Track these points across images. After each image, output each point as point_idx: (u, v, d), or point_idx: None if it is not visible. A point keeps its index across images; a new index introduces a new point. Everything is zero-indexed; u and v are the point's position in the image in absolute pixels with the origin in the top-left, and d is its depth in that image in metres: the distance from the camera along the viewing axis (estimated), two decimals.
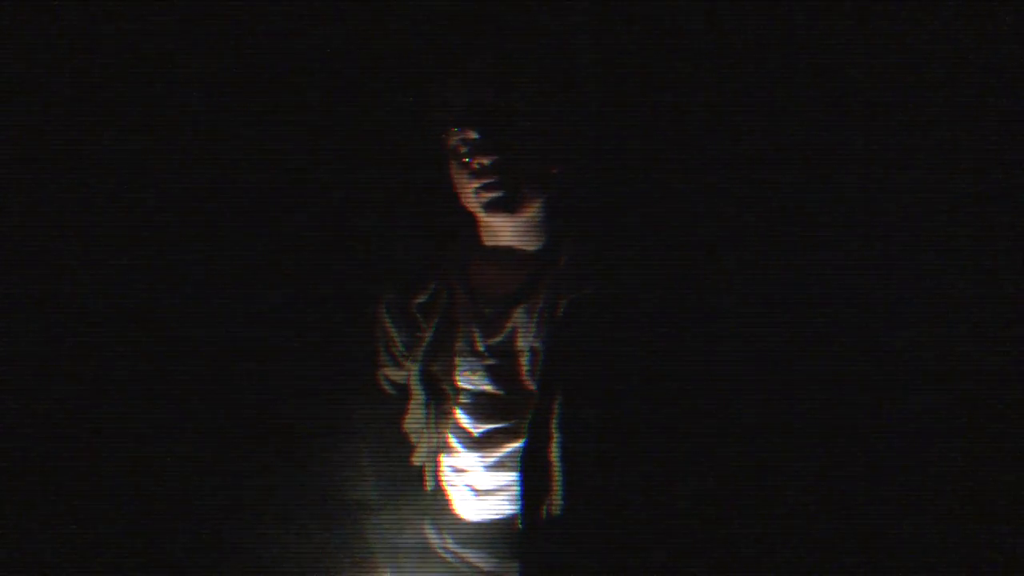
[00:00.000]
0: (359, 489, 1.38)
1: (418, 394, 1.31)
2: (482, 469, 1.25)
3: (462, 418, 1.27)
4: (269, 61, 1.53)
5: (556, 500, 1.16)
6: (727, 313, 1.25)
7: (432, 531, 1.33)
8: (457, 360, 1.27)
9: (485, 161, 1.19)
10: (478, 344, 1.25)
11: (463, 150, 1.21)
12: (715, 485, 1.20)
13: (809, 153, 1.40)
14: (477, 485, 1.26)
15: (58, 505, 1.52)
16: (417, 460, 1.34)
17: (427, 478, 1.33)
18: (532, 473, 1.18)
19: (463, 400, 1.26)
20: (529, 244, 1.27)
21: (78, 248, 1.53)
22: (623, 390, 1.17)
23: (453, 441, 1.28)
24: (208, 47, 1.52)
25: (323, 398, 1.47)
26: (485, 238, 1.31)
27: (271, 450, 1.55)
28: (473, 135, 1.19)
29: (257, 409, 1.55)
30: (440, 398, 1.29)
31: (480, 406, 1.25)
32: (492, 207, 1.21)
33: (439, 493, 1.33)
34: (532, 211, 1.24)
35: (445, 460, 1.30)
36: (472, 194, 1.22)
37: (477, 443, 1.25)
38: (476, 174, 1.20)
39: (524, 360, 1.22)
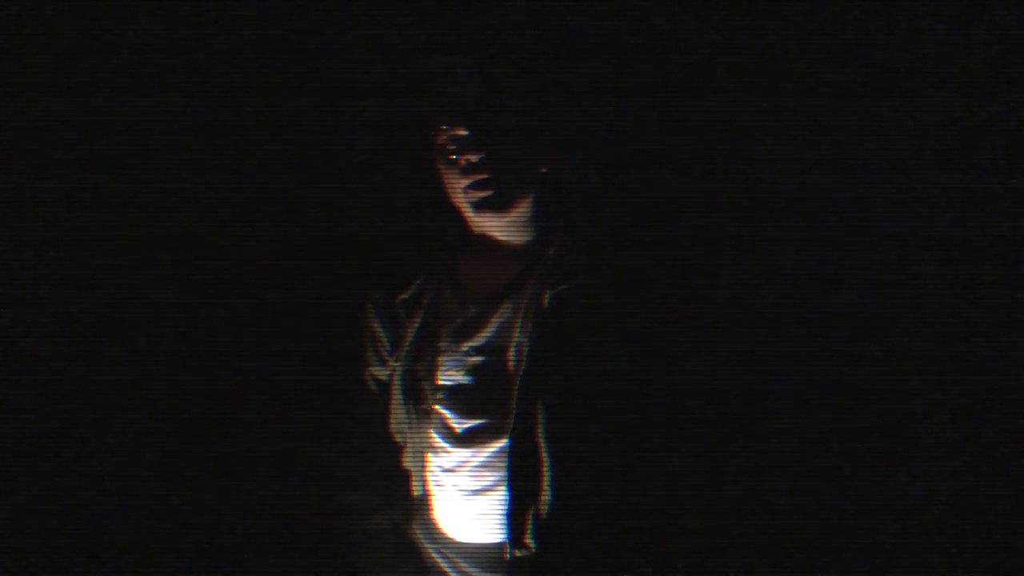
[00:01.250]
0: (352, 490, 1.36)
1: (397, 393, 1.30)
2: (469, 468, 1.24)
3: (444, 414, 1.26)
4: (256, 60, 1.53)
5: (544, 498, 1.15)
6: (715, 309, 1.24)
7: (422, 533, 1.32)
8: (441, 358, 1.26)
9: (474, 159, 1.18)
10: (462, 342, 1.24)
11: (452, 147, 1.21)
12: (705, 482, 1.19)
13: (796, 151, 1.40)
14: (465, 485, 1.25)
15: (46, 505, 1.52)
16: (406, 462, 1.33)
17: (414, 483, 1.32)
18: (519, 471, 1.17)
19: (442, 397, 1.25)
20: (517, 241, 1.27)
21: (70, 249, 1.53)
22: (608, 384, 1.15)
23: (438, 439, 1.27)
24: (195, 46, 1.53)
25: (315, 398, 1.47)
26: (473, 236, 1.31)
27: (263, 451, 1.54)
28: (462, 132, 1.19)
29: (247, 409, 1.55)
30: (419, 397, 1.28)
31: (460, 402, 1.24)
32: (481, 206, 1.21)
33: (425, 508, 1.31)
34: (521, 209, 1.24)
35: (433, 460, 1.29)
36: (461, 192, 1.22)
37: (461, 440, 1.24)
38: (464, 172, 1.20)
39: (509, 356, 1.21)
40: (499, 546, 1.21)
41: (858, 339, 1.37)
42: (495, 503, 1.22)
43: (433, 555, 1.30)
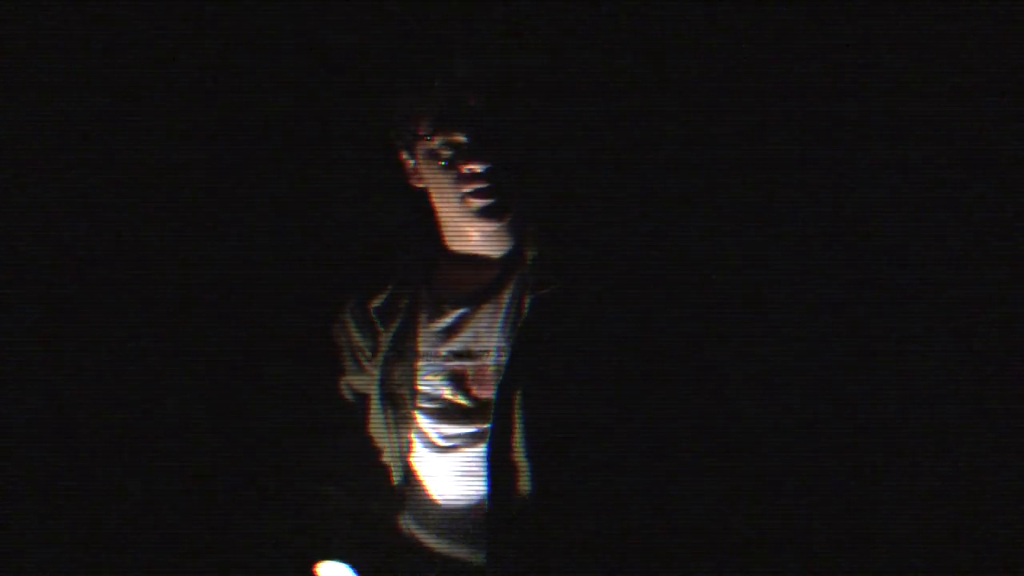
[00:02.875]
0: (330, 482, 1.35)
1: (376, 401, 1.28)
2: (449, 474, 1.22)
3: (424, 423, 1.24)
4: (234, 64, 1.52)
5: (525, 504, 1.14)
6: (697, 312, 1.23)
7: (401, 521, 1.30)
8: (419, 364, 1.24)
9: (477, 168, 1.16)
10: (440, 347, 1.23)
11: (446, 153, 1.18)
12: (688, 486, 1.18)
13: (778, 154, 1.40)
14: (445, 492, 1.23)
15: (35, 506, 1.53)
16: (383, 475, 1.31)
17: (394, 474, 1.30)
18: (499, 476, 1.16)
19: (423, 405, 1.24)
20: (496, 244, 1.25)
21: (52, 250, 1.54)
22: (588, 389, 1.14)
23: (417, 446, 1.26)
24: (168, 46, 1.52)
25: (293, 395, 1.47)
26: (453, 241, 1.28)
27: (242, 448, 1.55)
28: (461, 139, 1.17)
29: (228, 409, 1.56)
30: (397, 404, 1.26)
31: (441, 411, 1.22)
32: (483, 214, 1.19)
33: (408, 484, 1.29)
34: (510, 216, 1.22)
35: (413, 466, 1.27)
36: (457, 200, 1.20)
37: (441, 447, 1.22)
38: (464, 179, 1.18)
39: (488, 360, 1.19)
40: (476, 533, 1.18)
41: (836, 342, 1.37)
42: (476, 509, 1.19)
43: (414, 531, 1.27)
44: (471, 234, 1.25)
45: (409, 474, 1.29)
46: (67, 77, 1.50)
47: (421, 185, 1.26)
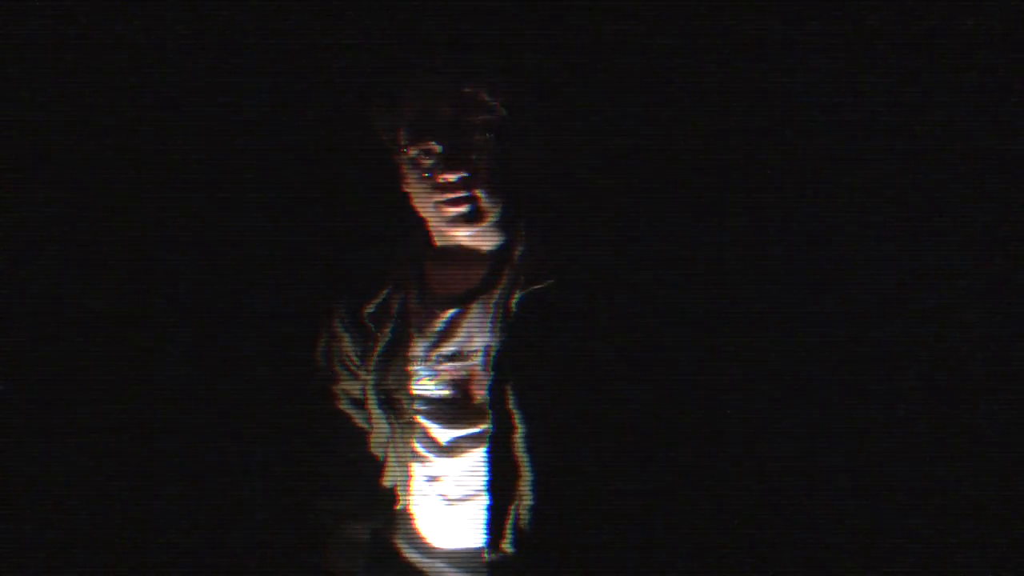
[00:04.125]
0: (332, 500, 1.36)
1: (374, 407, 1.29)
2: (453, 476, 1.22)
3: (427, 426, 1.24)
4: (220, 64, 1.52)
5: (525, 502, 1.14)
6: (688, 307, 1.22)
7: (404, 541, 1.31)
8: (412, 368, 1.24)
9: (451, 178, 1.17)
10: (433, 351, 1.23)
11: (425, 163, 1.19)
12: (684, 485, 1.17)
13: (769, 151, 1.40)
14: (449, 493, 1.23)
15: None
16: (388, 480, 1.32)
17: (399, 497, 1.31)
18: (499, 477, 1.15)
19: (421, 408, 1.24)
20: (484, 245, 1.25)
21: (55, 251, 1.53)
22: (581, 385, 1.14)
23: (421, 450, 1.26)
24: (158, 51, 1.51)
25: (294, 406, 1.46)
26: (440, 242, 1.29)
27: (244, 455, 1.55)
28: (437, 148, 1.17)
29: (222, 417, 1.55)
30: (397, 409, 1.26)
31: (441, 413, 1.22)
32: (458, 222, 1.20)
33: (407, 519, 1.30)
34: (491, 217, 1.22)
35: (417, 470, 1.28)
36: (433, 207, 1.21)
37: (444, 449, 1.23)
38: (440, 188, 1.18)
39: (481, 361, 1.19)
40: (478, 550, 1.19)
41: (824, 339, 1.37)
42: (479, 509, 1.19)
43: (413, 560, 1.28)
44: (452, 239, 1.26)
45: (411, 479, 1.29)
46: (66, 77, 1.50)
47: (407, 190, 1.27)
